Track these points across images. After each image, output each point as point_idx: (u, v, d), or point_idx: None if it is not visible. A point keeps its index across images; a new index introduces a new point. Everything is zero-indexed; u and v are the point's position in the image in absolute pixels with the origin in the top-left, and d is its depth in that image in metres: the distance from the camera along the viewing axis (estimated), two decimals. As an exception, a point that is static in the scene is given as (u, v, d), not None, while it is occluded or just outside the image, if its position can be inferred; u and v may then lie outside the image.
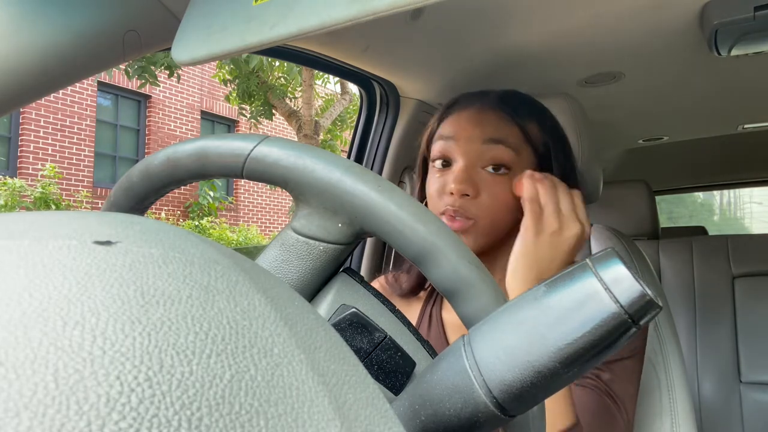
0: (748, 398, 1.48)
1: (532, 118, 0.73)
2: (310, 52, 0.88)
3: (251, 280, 0.17)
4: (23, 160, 6.55)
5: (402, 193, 0.33)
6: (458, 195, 0.68)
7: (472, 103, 0.74)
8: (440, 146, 0.73)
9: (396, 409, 0.26)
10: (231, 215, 8.60)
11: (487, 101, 0.74)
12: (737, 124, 1.34)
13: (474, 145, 0.70)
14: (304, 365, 0.15)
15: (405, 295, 0.80)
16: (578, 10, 0.73)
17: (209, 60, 0.57)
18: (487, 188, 0.68)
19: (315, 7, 0.48)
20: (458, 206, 0.68)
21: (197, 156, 0.36)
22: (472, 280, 0.30)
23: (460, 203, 0.68)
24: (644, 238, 1.67)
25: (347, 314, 0.30)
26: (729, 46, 0.74)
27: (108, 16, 0.59)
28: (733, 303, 1.56)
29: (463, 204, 0.68)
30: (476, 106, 0.73)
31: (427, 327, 0.77)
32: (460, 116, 0.73)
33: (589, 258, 0.23)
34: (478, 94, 0.77)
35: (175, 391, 0.12)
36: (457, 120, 0.73)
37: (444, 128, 0.74)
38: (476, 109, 0.73)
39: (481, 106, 0.73)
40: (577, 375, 0.23)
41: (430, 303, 0.80)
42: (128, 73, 5.01)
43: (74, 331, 0.12)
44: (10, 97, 0.55)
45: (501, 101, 0.73)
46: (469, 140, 0.70)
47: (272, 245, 0.37)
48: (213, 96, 8.52)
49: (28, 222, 0.17)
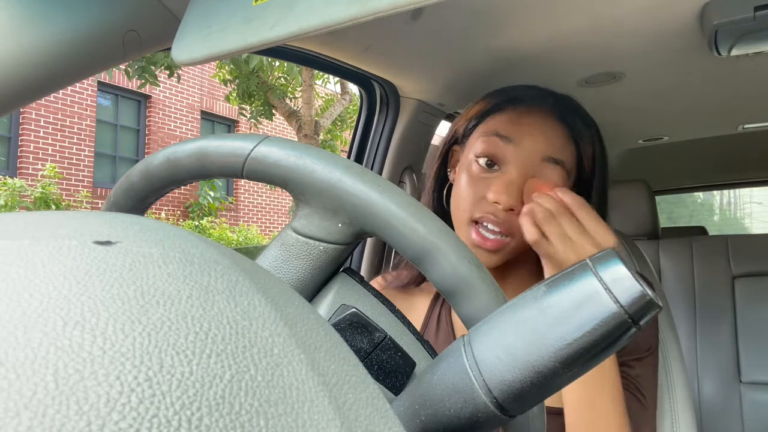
0: (748, 398, 1.48)
1: (589, 141, 0.68)
2: (310, 52, 0.88)
3: (251, 280, 0.17)
4: (23, 160, 6.55)
5: (402, 193, 0.33)
6: (505, 207, 0.63)
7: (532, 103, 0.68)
8: (493, 143, 0.65)
9: (396, 409, 0.26)
10: (231, 215, 8.60)
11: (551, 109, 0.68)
12: (737, 124, 1.34)
13: (534, 158, 0.64)
14: (304, 365, 0.15)
15: (405, 285, 0.77)
16: (578, 11, 0.73)
17: (209, 60, 0.57)
18: None
19: (315, 7, 0.48)
20: (501, 219, 0.63)
21: (197, 156, 0.36)
22: (472, 280, 0.30)
23: (504, 217, 0.63)
24: (644, 238, 1.67)
25: (347, 314, 0.30)
26: (729, 46, 0.74)
27: (108, 16, 0.59)
28: (733, 303, 1.56)
29: (507, 218, 0.63)
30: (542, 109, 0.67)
31: (435, 328, 0.75)
32: (521, 117, 0.66)
33: (589, 258, 0.23)
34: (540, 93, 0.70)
35: (175, 391, 0.12)
36: (517, 120, 0.66)
37: (501, 124, 0.67)
38: (542, 114, 0.67)
39: (548, 113, 0.67)
40: (577, 375, 0.22)
41: (438, 304, 0.78)
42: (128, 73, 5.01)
43: (74, 331, 0.12)
44: (10, 97, 0.55)
45: (565, 114, 0.68)
46: (531, 152, 0.64)
47: (272, 245, 0.37)
48: (213, 96, 8.51)
49: (28, 222, 0.17)
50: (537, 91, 0.71)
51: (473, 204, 0.65)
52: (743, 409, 1.48)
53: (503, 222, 0.63)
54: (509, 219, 0.63)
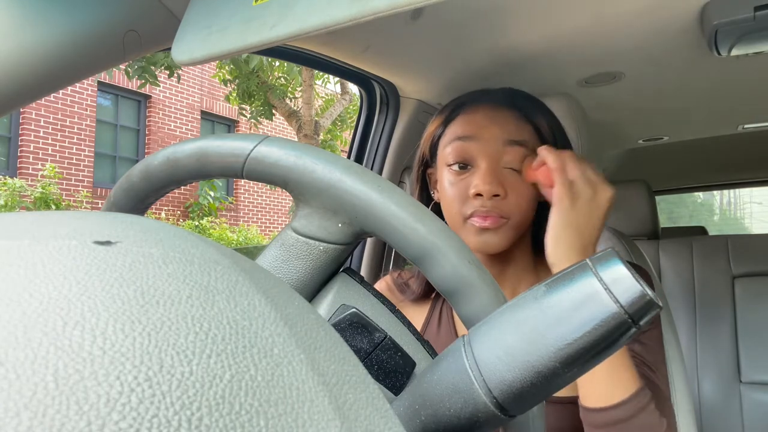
0: (748, 398, 1.48)
1: (542, 117, 0.73)
2: (310, 52, 0.88)
3: (251, 280, 0.17)
4: (23, 160, 6.55)
5: (402, 193, 0.33)
6: (488, 196, 0.66)
7: (481, 101, 0.73)
8: (458, 147, 0.70)
9: (396, 409, 0.26)
10: (231, 215, 8.60)
11: (499, 100, 0.72)
12: (737, 124, 1.34)
13: (496, 146, 0.69)
14: (304, 365, 0.15)
15: (417, 300, 0.79)
16: (578, 11, 0.73)
17: (209, 60, 0.57)
18: (513, 188, 0.68)
19: (315, 7, 0.48)
20: (490, 207, 0.67)
21: (197, 156, 0.36)
22: (472, 280, 0.30)
23: (492, 204, 0.67)
24: (644, 238, 1.67)
25: (347, 314, 0.30)
26: (729, 46, 0.74)
27: (108, 16, 0.59)
28: (733, 303, 1.56)
29: (495, 204, 0.67)
30: (489, 105, 0.72)
31: (437, 327, 0.76)
32: (474, 116, 0.71)
33: (589, 258, 0.23)
34: (483, 93, 0.75)
35: (175, 391, 0.12)
36: (472, 120, 0.71)
37: (458, 129, 0.72)
38: (491, 108, 0.71)
39: (495, 105, 0.72)
40: (577, 375, 0.23)
41: (439, 303, 0.79)
42: (128, 73, 5.01)
43: (74, 331, 0.12)
44: (10, 97, 0.55)
45: (514, 100, 0.72)
46: (491, 141, 0.69)
47: (272, 245, 0.37)
48: (213, 96, 8.52)
49: (28, 222, 0.17)
50: (480, 92, 0.76)
51: (461, 204, 0.69)
52: (743, 409, 1.48)
53: (493, 209, 0.67)
54: (498, 204, 0.67)
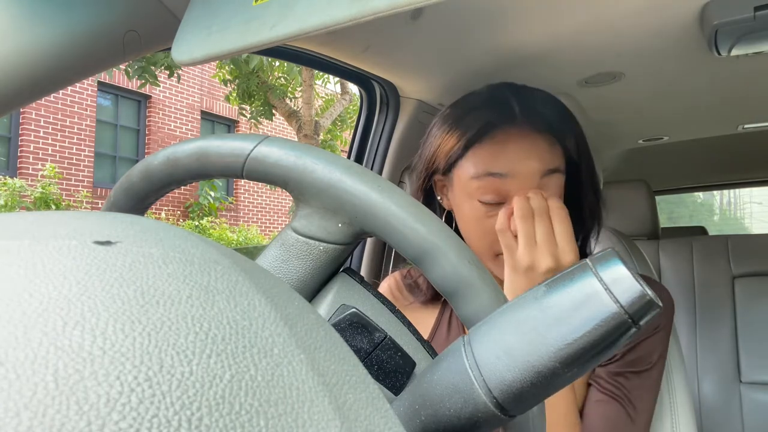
0: (748, 398, 1.48)
1: (571, 135, 0.68)
2: (310, 52, 0.88)
3: (251, 281, 0.17)
4: (23, 160, 6.55)
5: (402, 193, 0.33)
6: None
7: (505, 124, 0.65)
8: (491, 185, 0.64)
9: (396, 409, 0.26)
10: (231, 215, 8.60)
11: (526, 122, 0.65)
12: (737, 124, 1.34)
13: (533, 180, 0.64)
14: (304, 365, 0.15)
15: (427, 302, 0.78)
16: (578, 11, 0.73)
17: (209, 60, 0.57)
18: None
19: (315, 7, 0.48)
20: None
21: (197, 156, 0.36)
22: (472, 280, 0.30)
23: None
24: (644, 238, 1.67)
25: (347, 314, 0.30)
26: (729, 46, 0.74)
27: (108, 16, 0.59)
28: (733, 303, 1.55)
29: None
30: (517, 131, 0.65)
31: (447, 330, 0.75)
32: (506, 148, 0.64)
33: (589, 258, 0.23)
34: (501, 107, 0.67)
35: (175, 391, 0.12)
36: (503, 152, 0.64)
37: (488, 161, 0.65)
38: (520, 135, 0.65)
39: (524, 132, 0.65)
40: (577, 375, 0.23)
41: (448, 307, 0.77)
42: (128, 73, 5.01)
43: (74, 331, 0.12)
44: (10, 97, 0.55)
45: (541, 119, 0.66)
46: (529, 177, 0.64)
47: (272, 245, 0.37)
48: (213, 96, 8.51)
49: (28, 222, 0.17)
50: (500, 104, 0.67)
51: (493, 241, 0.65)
52: (743, 409, 1.48)
53: None
54: None
